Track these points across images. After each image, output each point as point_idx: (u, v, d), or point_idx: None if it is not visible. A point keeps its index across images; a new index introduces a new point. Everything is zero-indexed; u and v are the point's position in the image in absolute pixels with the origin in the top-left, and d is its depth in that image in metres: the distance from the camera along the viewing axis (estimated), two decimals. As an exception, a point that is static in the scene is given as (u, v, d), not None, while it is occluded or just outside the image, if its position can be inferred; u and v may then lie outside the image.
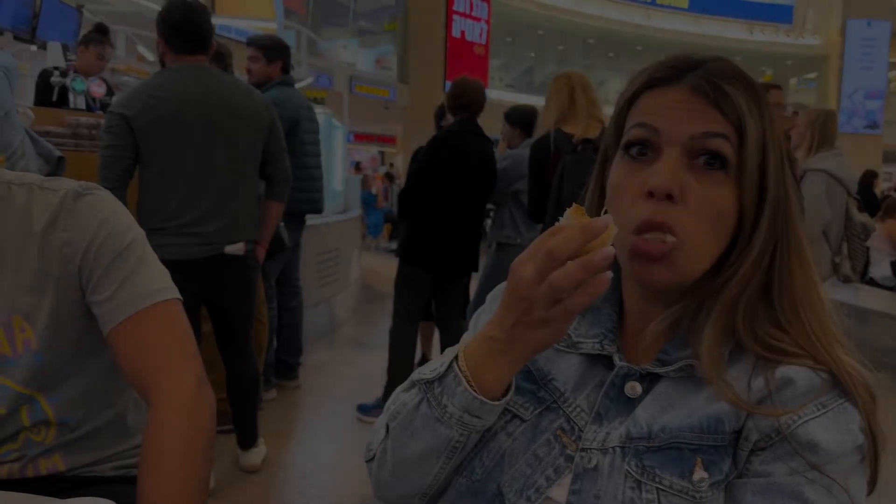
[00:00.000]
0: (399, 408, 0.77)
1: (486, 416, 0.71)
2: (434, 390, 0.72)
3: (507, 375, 0.70)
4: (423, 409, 0.73)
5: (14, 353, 1.03)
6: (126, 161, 2.30)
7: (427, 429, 0.73)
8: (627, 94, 0.76)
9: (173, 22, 2.36)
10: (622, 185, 0.73)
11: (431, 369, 0.74)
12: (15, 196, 1.05)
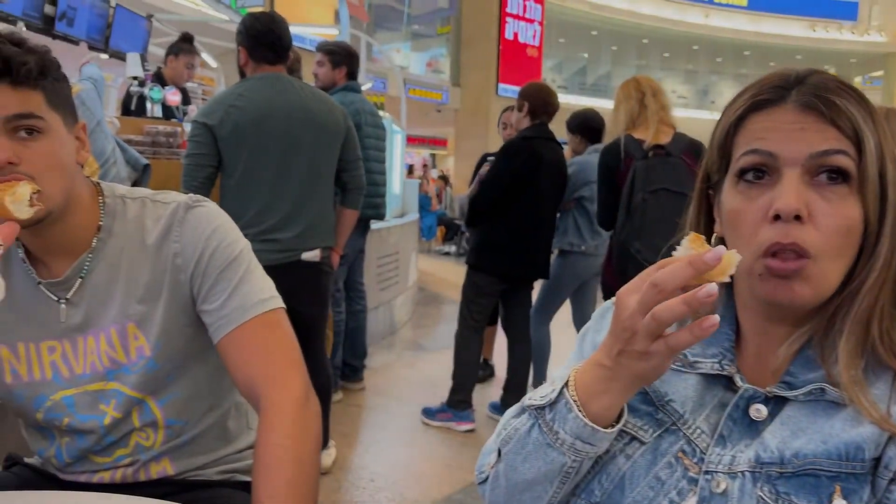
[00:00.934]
0: (511, 433, 0.77)
1: (597, 444, 0.72)
2: (545, 416, 0.73)
3: (618, 403, 0.71)
4: (534, 434, 0.74)
5: (128, 359, 1.08)
6: (209, 169, 2.37)
7: (539, 454, 0.74)
8: (730, 118, 0.75)
9: (255, 33, 2.42)
10: (742, 212, 0.72)
11: (541, 395, 0.75)
12: (128, 209, 1.11)
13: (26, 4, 4.99)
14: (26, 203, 0.90)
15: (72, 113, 1.05)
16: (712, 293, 0.61)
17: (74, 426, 1.09)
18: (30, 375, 1.08)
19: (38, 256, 1.07)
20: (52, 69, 1.00)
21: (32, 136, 0.97)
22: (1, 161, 0.92)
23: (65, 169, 1.01)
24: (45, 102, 0.98)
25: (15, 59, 0.94)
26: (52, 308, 1.06)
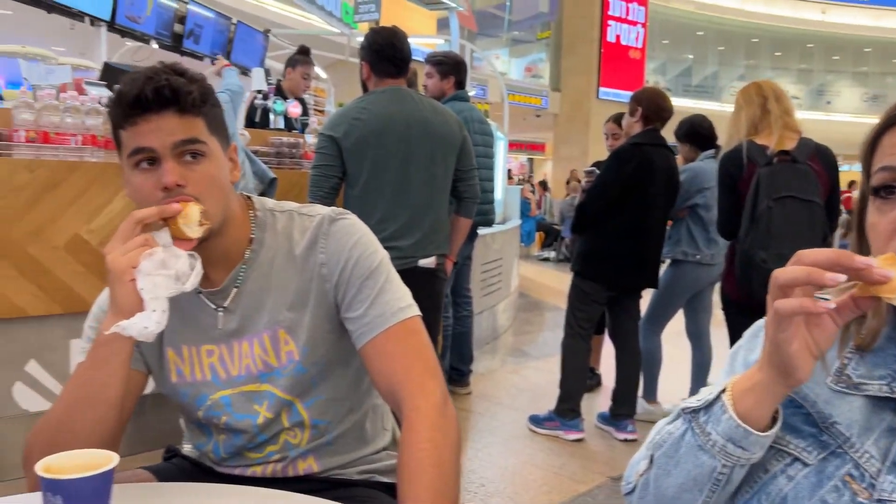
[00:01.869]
0: (664, 437, 0.79)
1: (749, 448, 0.71)
2: (699, 418, 0.74)
3: (768, 407, 0.71)
4: (687, 437, 0.75)
5: (279, 363, 1.15)
6: (334, 179, 2.48)
7: (690, 457, 0.74)
8: (870, 136, 0.75)
9: (377, 48, 2.52)
10: (874, 226, 0.73)
11: (698, 399, 0.76)
12: (277, 221, 1.18)
13: (158, 24, 5.37)
14: (196, 223, 0.98)
15: (226, 136, 1.13)
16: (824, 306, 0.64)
17: (231, 424, 1.17)
18: (192, 376, 1.17)
19: None
20: (210, 97, 1.08)
21: (196, 160, 1.04)
22: (170, 183, 1.01)
23: (223, 188, 1.09)
24: (206, 128, 1.06)
25: (182, 89, 1.02)
26: (211, 315, 1.14)
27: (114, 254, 0.96)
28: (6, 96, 3.52)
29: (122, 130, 1.04)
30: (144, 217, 0.97)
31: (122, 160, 1.06)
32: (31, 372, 2.63)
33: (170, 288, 0.96)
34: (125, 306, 0.96)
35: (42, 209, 2.55)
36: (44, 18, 5.65)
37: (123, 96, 1.02)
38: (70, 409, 1.01)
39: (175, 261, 0.97)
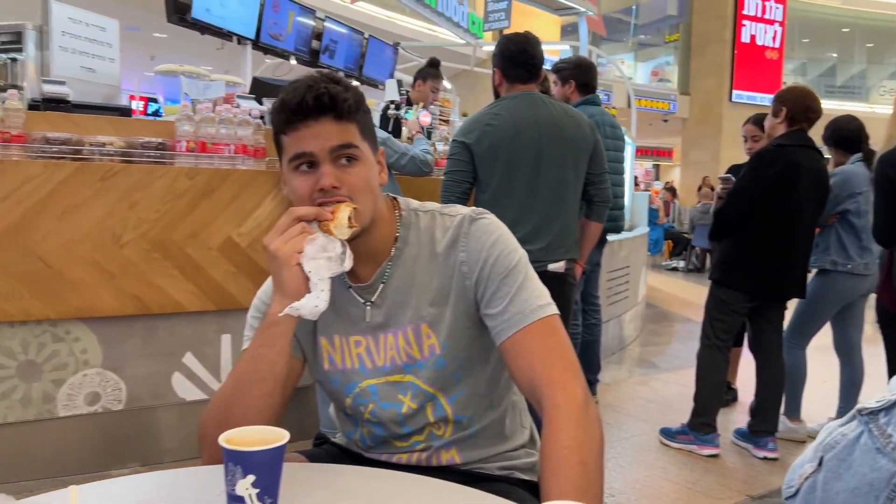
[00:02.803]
0: (837, 438, 0.75)
1: None
2: (878, 420, 0.70)
3: None
4: (863, 440, 0.71)
5: (422, 356, 1.19)
6: (466, 184, 2.53)
7: (866, 460, 0.70)
8: None
9: (509, 54, 2.55)
10: None
11: (878, 400, 0.71)
12: (421, 221, 1.22)
13: (297, 41, 5.67)
14: (345, 225, 1.05)
15: (375, 141, 1.20)
16: None
17: (376, 413, 1.22)
18: (342, 364, 1.23)
19: None
20: (363, 104, 1.15)
21: (350, 164, 1.12)
22: (327, 185, 1.08)
23: (373, 190, 1.15)
24: (359, 133, 1.13)
25: (339, 97, 1.09)
26: (360, 308, 1.21)
27: (276, 243, 1.05)
28: (166, 111, 3.86)
29: (283, 136, 1.12)
30: (302, 215, 1.06)
31: (283, 163, 1.14)
32: (188, 363, 2.86)
33: (332, 269, 1.04)
34: (292, 289, 1.04)
35: (199, 213, 2.77)
36: (195, 40, 6.14)
37: (286, 104, 1.10)
38: (241, 384, 1.10)
39: (332, 244, 1.05)
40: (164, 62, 10.83)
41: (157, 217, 2.69)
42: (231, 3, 4.90)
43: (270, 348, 1.09)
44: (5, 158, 2.48)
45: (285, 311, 1.04)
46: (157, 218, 2.69)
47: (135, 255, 2.66)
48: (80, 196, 2.56)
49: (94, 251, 2.59)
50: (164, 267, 2.72)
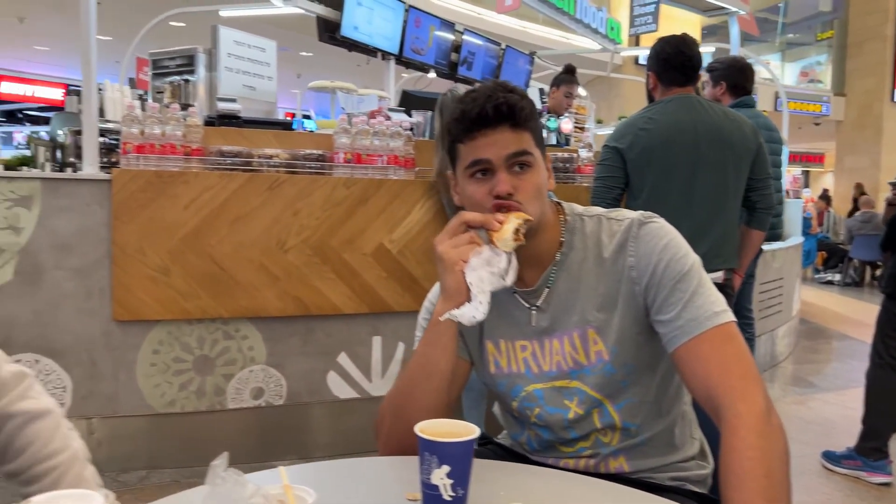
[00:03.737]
0: None
1: None
2: None
3: None
4: None
5: (588, 361, 1.18)
6: (617, 191, 2.49)
7: None
8: None
9: (665, 56, 2.48)
10: None
11: None
12: (586, 225, 1.22)
13: (437, 55, 5.83)
14: (510, 238, 1.06)
15: (544, 147, 1.21)
16: None
17: (543, 417, 1.23)
18: (508, 368, 1.25)
19: None
20: (536, 111, 1.17)
21: (524, 170, 1.14)
22: (503, 192, 1.11)
23: (543, 196, 1.17)
24: (532, 140, 1.15)
25: (516, 106, 1.12)
26: (525, 313, 1.22)
27: (444, 245, 1.08)
28: (319, 125, 4.08)
29: (461, 144, 1.16)
30: (471, 220, 1.08)
31: (458, 170, 1.18)
32: (342, 363, 3.00)
33: (494, 283, 1.06)
34: (453, 293, 1.07)
35: (355, 221, 2.91)
36: (338, 57, 6.46)
37: (466, 114, 1.13)
38: (411, 380, 1.16)
39: (497, 259, 1.06)
40: (309, 79, 11.46)
41: (317, 224, 2.85)
42: (376, 20, 5.11)
43: (435, 347, 1.13)
44: (187, 170, 2.72)
45: (445, 316, 1.07)
46: (318, 225, 2.85)
47: (297, 260, 2.84)
48: (250, 204, 2.76)
49: (262, 255, 2.79)
50: (323, 271, 2.88)
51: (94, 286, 2.65)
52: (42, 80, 13.53)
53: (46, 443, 0.94)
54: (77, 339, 2.63)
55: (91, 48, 2.78)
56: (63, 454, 0.94)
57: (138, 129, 2.67)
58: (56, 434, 0.96)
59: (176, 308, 2.70)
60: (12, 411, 0.95)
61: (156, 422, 2.73)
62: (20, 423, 0.95)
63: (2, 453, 0.94)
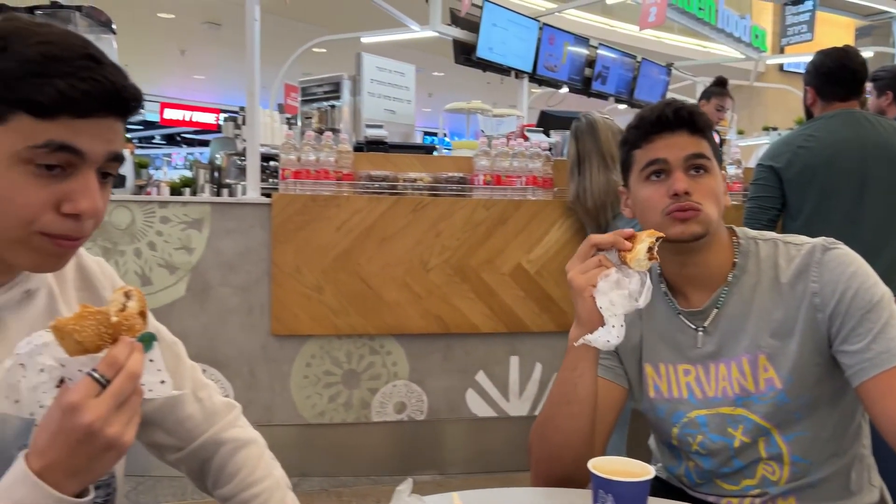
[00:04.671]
0: None
1: None
2: None
3: None
4: None
5: (757, 389, 1.14)
6: (773, 212, 2.37)
7: None
8: None
9: (825, 70, 2.35)
10: None
11: None
12: (760, 249, 1.19)
13: (571, 71, 5.81)
14: (644, 257, 1.03)
15: (721, 161, 1.21)
16: None
17: (706, 445, 1.19)
18: (669, 392, 1.23)
19: (678, 289, 1.22)
20: (711, 125, 1.20)
21: (700, 174, 1.15)
22: (680, 190, 1.12)
23: (719, 201, 1.16)
24: (709, 149, 1.17)
25: (696, 112, 1.16)
26: (690, 335, 1.19)
27: (574, 271, 1.07)
28: (454, 145, 4.18)
29: (637, 150, 1.18)
30: (600, 242, 1.07)
31: (632, 178, 1.21)
32: (480, 381, 3.05)
33: (625, 305, 1.03)
34: (586, 318, 1.06)
35: (493, 241, 2.96)
36: (470, 76, 6.58)
37: (644, 119, 1.18)
38: (554, 406, 1.16)
39: (628, 280, 1.04)
40: (440, 98, 11.75)
41: (457, 244, 2.93)
42: (511, 40, 5.18)
43: (572, 371, 1.12)
44: (339, 194, 2.88)
45: (580, 342, 1.06)
46: (458, 245, 2.93)
47: (438, 279, 2.92)
48: (396, 226, 2.88)
49: (406, 274, 2.90)
50: (463, 290, 2.95)
51: (255, 302, 2.86)
52: (199, 107, 14.77)
53: (252, 470, 1.00)
54: (239, 352, 2.84)
55: (255, 86, 3.01)
56: (267, 481, 1.00)
57: (295, 156, 2.86)
58: (260, 462, 1.02)
59: (327, 324, 2.86)
60: (224, 438, 1.03)
61: (307, 431, 2.90)
62: (231, 449, 1.02)
63: (216, 477, 1.01)
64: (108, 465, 0.70)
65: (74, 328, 0.67)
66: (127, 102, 0.76)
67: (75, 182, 0.75)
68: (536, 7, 7.43)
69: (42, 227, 0.75)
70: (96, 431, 0.67)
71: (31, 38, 0.72)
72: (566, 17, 7.87)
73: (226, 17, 9.21)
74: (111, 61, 0.76)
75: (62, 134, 0.72)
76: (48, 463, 0.68)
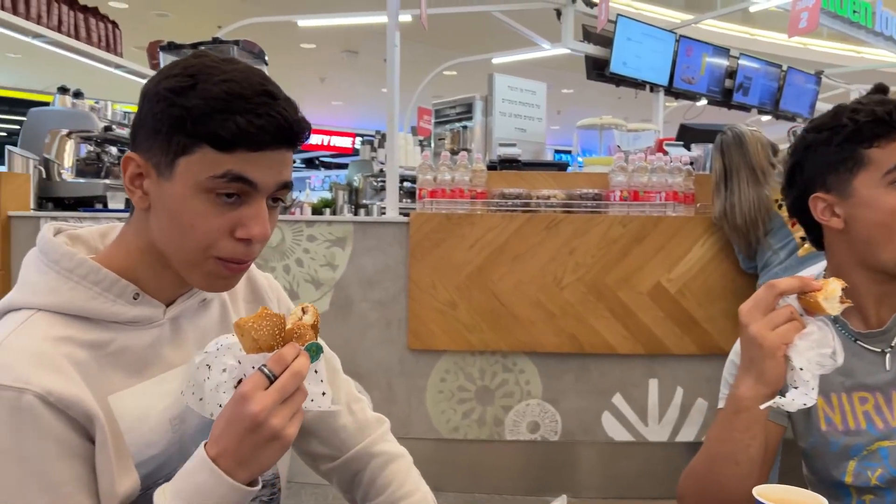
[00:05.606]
0: None
1: None
2: None
3: None
4: None
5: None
6: None
7: None
8: None
9: None
10: None
11: None
12: None
13: (710, 82, 5.58)
14: (837, 300, 0.90)
15: None
16: None
17: (885, 478, 1.09)
18: (844, 424, 1.13)
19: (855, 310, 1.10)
20: None
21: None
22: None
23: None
24: None
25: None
26: (869, 360, 1.10)
27: (759, 325, 0.93)
28: (585, 162, 4.12)
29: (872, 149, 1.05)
30: (787, 289, 0.94)
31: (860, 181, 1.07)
32: (617, 404, 2.96)
33: (826, 365, 0.91)
34: (773, 379, 0.94)
35: (630, 259, 2.88)
36: (600, 91, 6.48)
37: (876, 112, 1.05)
38: (715, 465, 1.04)
39: (827, 338, 0.91)
40: (568, 115, 11.65)
41: (592, 262, 2.87)
42: (646, 53, 5.06)
43: (744, 433, 1.00)
44: (473, 212, 2.92)
45: (767, 405, 0.93)
46: (593, 263, 2.87)
47: (572, 297, 2.88)
48: (529, 243, 2.87)
49: (539, 292, 2.88)
50: (598, 309, 2.88)
51: (392, 317, 2.94)
52: (335, 131, 15.53)
53: (401, 484, 1.03)
54: (378, 365, 2.94)
55: (395, 110, 3.13)
56: (415, 496, 1.02)
57: (432, 176, 2.93)
58: (409, 477, 1.05)
59: (461, 340, 2.89)
60: (374, 451, 1.06)
61: (441, 446, 2.94)
62: (382, 462, 1.05)
63: (366, 490, 1.04)
64: (271, 456, 0.74)
65: (253, 326, 0.74)
66: (297, 135, 0.82)
67: (248, 209, 0.81)
68: (671, 19, 7.22)
69: (217, 252, 0.81)
70: (262, 421, 0.72)
71: (216, 75, 0.78)
72: (703, 29, 7.59)
73: (363, 45, 9.66)
74: (285, 95, 0.82)
75: (239, 165, 0.78)
76: (221, 450, 0.74)
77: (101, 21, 4.62)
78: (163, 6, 8.42)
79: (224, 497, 0.73)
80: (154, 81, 0.81)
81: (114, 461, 0.79)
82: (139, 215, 0.85)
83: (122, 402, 0.82)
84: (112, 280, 0.83)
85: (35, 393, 0.74)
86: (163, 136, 0.79)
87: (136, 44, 5.87)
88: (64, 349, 0.78)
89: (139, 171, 0.82)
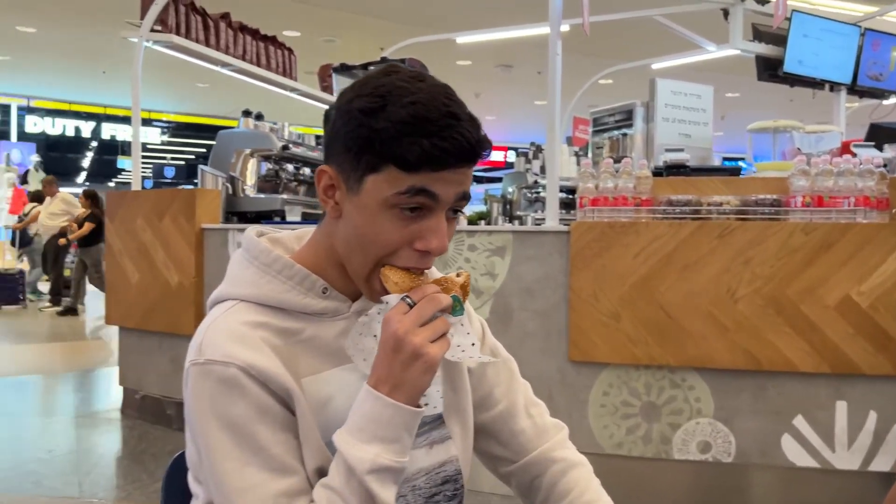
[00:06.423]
0: None
1: None
2: None
3: None
4: None
5: None
6: None
7: None
8: None
9: None
10: None
11: None
12: None
13: None
14: None
15: None
16: None
17: None
18: None
19: None
20: None
21: None
22: None
23: None
24: None
25: None
26: None
27: None
28: (758, 167, 3.86)
29: None
30: None
31: None
32: (798, 426, 2.73)
33: None
34: None
35: (814, 269, 2.65)
36: (769, 93, 6.03)
37: None
38: None
39: None
40: (734, 120, 11.02)
41: (770, 273, 2.68)
42: (825, 50, 4.67)
43: None
44: (637, 220, 2.82)
45: None
46: (771, 274, 2.68)
47: (748, 310, 2.70)
48: (699, 252, 2.73)
49: (710, 304, 2.72)
50: (777, 323, 2.68)
51: (552, 327, 2.91)
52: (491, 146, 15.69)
53: (583, 491, 1.00)
54: (538, 375, 2.91)
55: (556, 119, 3.12)
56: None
57: (593, 184, 2.88)
58: (591, 485, 1.02)
59: (625, 353, 2.79)
60: (554, 457, 1.04)
61: (604, 462, 2.84)
62: (562, 468, 1.03)
63: (546, 495, 1.03)
64: (420, 377, 0.80)
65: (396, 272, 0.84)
66: (479, 154, 0.84)
67: (428, 222, 0.84)
68: (852, 12, 6.62)
69: (393, 261, 0.85)
70: (401, 338, 0.79)
71: (404, 96, 0.81)
72: (890, 21, 6.88)
73: (517, 58, 9.73)
74: (468, 114, 0.84)
75: (422, 181, 0.81)
76: (377, 378, 0.81)
77: (278, 49, 5.01)
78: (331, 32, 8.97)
79: (391, 419, 0.80)
80: (347, 98, 0.85)
81: (311, 435, 0.85)
82: (329, 221, 0.91)
83: (312, 386, 0.88)
84: (304, 275, 0.90)
85: (238, 366, 0.82)
86: (353, 154, 0.83)
87: (305, 69, 6.29)
88: (261, 333, 0.86)
89: (331, 182, 0.88)
